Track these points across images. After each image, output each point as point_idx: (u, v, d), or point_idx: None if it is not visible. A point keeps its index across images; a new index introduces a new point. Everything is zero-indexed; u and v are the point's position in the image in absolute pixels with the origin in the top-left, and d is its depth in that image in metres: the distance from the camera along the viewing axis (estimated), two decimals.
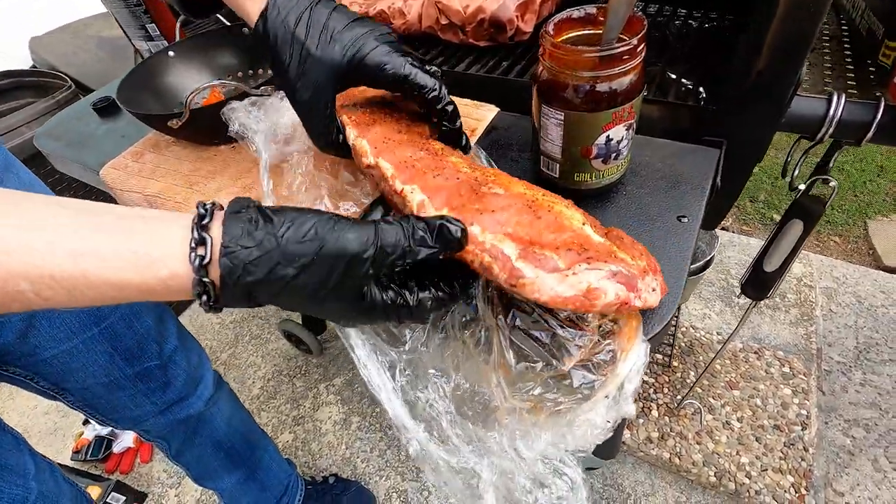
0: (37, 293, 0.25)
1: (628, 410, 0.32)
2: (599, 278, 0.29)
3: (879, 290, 1.47)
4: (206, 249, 0.26)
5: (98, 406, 0.62)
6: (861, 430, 1.17)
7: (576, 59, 0.37)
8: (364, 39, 0.38)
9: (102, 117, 0.74)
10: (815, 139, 0.48)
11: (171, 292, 0.27)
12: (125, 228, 0.27)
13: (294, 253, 0.27)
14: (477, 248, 0.31)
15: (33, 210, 0.26)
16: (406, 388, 0.36)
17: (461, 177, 0.36)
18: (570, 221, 0.33)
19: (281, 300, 0.29)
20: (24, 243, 0.24)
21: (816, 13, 0.40)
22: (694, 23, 0.70)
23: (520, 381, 0.33)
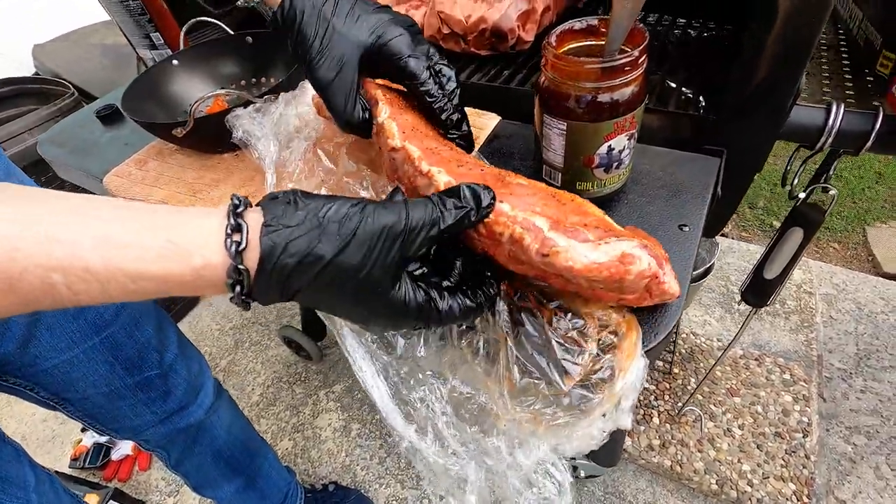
0: (69, 286, 0.24)
1: (624, 423, 0.32)
2: (633, 246, 0.29)
3: (879, 296, 1.47)
4: (242, 236, 0.26)
5: (98, 416, 0.62)
6: (862, 437, 1.16)
7: (578, 71, 0.37)
8: (389, 25, 0.38)
9: (106, 125, 0.75)
10: (815, 148, 0.49)
11: (203, 284, 0.27)
12: (159, 220, 0.26)
13: (335, 230, 0.27)
14: (508, 220, 0.31)
15: (63, 202, 0.25)
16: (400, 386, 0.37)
17: (485, 169, 0.37)
18: (592, 209, 0.33)
19: (316, 287, 0.28)
20: (55, 234, 0.24)
21: (815, 23, 0.41)
22: (693, 32, 0.71)
23: (522, 395, 0.34)
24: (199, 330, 1.59)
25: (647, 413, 1.21)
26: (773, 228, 1.85)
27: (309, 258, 0.27)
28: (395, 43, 0.38)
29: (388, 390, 0.36)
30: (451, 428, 0.36)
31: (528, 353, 0.33)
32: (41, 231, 0.23)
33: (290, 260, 0.26)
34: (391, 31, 0.38)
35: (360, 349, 0.37)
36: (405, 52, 0.38)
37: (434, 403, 0.37)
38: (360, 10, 0.38)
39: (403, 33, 0.39)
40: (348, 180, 0.45)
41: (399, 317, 0.30)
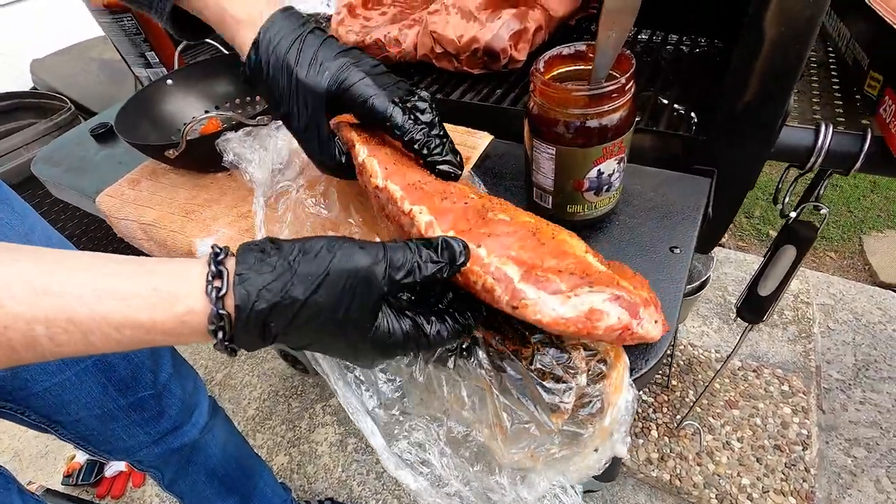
0: (51, 338, 0.25)
1: (620, 451, 0.32)
2: (602, 300, 0.29)
3: (876, 306, 1.47)
4: (223, 282, 0.27)
5: (90, 438, 0.61)
6: (862, 449, 1.16)
7: (565, 97, 0.37)
8: (350, 70, 0.39)
9: (100, 143, 0.75)
10: (805, 168, 0.49)
11: (187, 331, 0.27)
12: (143, 270, 0.27)
13: (306, 272, 0.28)
14: (481, 270, 0.31)
15: (47, 255, 0.26)
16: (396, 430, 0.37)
17: (469, 202, 0.37)
18: (572, 249, 0.33)
19: (296, 329, 0.28)
20: (42, 286, 0.24)
21: (801, 49, 0.41)
22: (685, 48, 0.72)
23: (515, 439, 0.34)
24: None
25: (645, 426, 1.20)
26: (770, 238, 1.86)
27: (284, 301, 0.27)
28: (356, 88, 0.38)
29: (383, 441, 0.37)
30: (452, 469, 0.36)
31: (515, 397, 0.34)
32: (27, 283, 0.24)
33: (265, 305, 0.27)
34: (352, 76, 0.38)
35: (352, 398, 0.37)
36: (368, 94, 0.38)
37: (432, 445, 0.37)
38: (323, 57, 0.39)
39: (364, 77, 0.39)
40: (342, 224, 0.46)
41: (385, 348, 0.30)
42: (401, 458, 0.39)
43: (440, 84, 0.70)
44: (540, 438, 0.35)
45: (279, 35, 0.38)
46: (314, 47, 0.39)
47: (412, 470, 0.38)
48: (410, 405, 0.40)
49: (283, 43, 0.38)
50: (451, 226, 0.34)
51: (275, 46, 0.38)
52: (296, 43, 0.38)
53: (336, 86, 0.38)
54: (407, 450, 0.38)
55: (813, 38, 0.40)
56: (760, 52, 0.42)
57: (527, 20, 0.66)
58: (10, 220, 0.53)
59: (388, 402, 0.40)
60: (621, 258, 0.44)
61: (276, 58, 0.38)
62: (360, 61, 0.40)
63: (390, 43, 0.71)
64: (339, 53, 0.39)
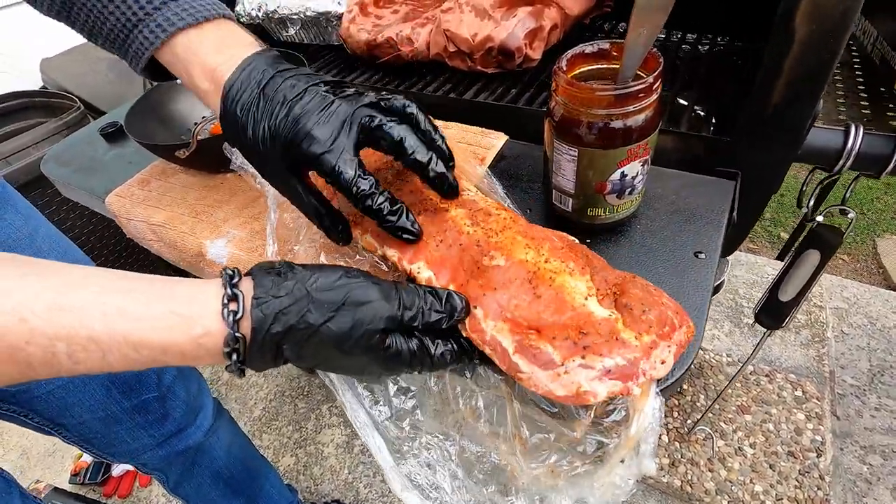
0: (70, 355, 0.25)
1: (648, 467, 0.30)
2: (590, 379, 0.30)
3: (891, 310, 1.44)
4: (239, 305, 0.28)
5: (94, 441, 0.61)
6: (878, 456, 1.13)
7: (590, 97, 0.36)
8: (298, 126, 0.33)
9: (110, 143, 0.74)
10: (833, 171, 0.47)
11: (202, 353, 0.28)
12: (161, 290, 0.28)
13: (323, 300, 0.28)
14: (478, 338, 0.33)
15: (70, 273, 0.26)
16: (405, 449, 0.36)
17: (463, 241, 0.36)
18: (571, 297, 0.32)
19: (307, 351, 0.29)
20: (64, 304, 0.25)
21: (833, 48, 0.40)
22: (703, 48, 0.70)
23: (535, 452, 0.32)
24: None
25: None
26: (781, 240, 1.83)
27: (299, 326, 0.28)
28: (320, 160, 0.33)
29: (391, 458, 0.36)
30: (464, 492, 0.34)
31: (534, 406, 0.32)
32: (50, 300, 0.24)
33: (280, 329, 0.28)
34: (305, 141, 0.33)
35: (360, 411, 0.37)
36: (317, 152, 0.33)
37: (443, 466, 0.36)
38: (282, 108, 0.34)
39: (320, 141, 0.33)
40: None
41: (392, 366, 0.31)
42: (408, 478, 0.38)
43: (453, 83, 0.68)
44: (561, 451, 0.33)
45: (241, 89, 0.35)
46: (265, 103, 0.34)
47: (420, 492, 0.37)
48: (423, 417, 0.39)
49: (244, 98, 0.34)
50: (450, 279, 0.35)
51: (237, 106, 0.35)
52: (257, 96, 0.34)
53: (287, 145, 0.33)
54: (416, 471, 0.37)
55: (847, 34, 0.39)
56: (790, 50, 0.41)
57: (542, 18, 0.65)
58: (13, 220, 0.52)
59: (399, 414, 0.39)
60: (643, 264, 0.42)
61: (238, 118, 0.35)
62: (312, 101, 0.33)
63: (402, 42, 0.70)
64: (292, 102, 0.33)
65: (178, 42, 0.36)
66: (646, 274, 0.35)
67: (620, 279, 0.34)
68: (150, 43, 0.36)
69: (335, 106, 0.34)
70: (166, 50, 0.37)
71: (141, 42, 0.37)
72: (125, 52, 0.39)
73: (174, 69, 0.38)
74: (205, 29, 0.37)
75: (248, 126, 0.35)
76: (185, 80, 0.39)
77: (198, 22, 0.36)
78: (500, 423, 0.35)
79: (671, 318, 0.32)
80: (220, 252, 0.51)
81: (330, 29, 0.80)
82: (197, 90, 0.38)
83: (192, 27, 0.36)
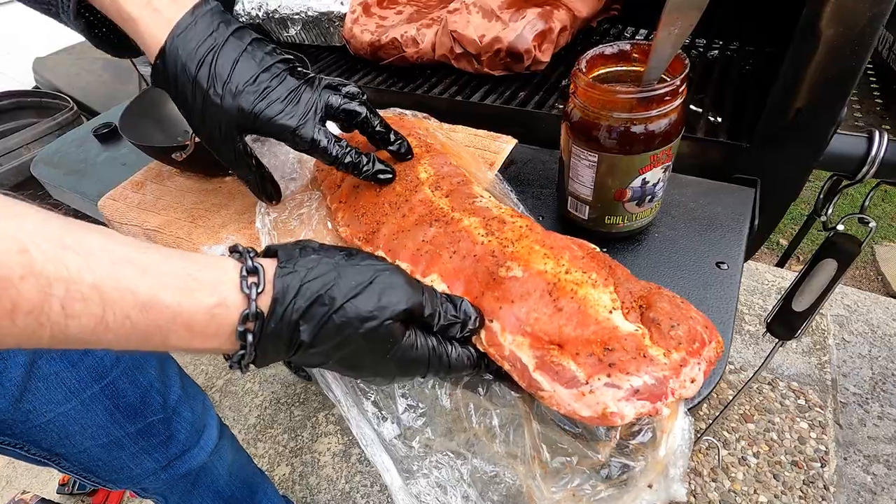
0: (65, 305, 0.21)
1: (678, 493, 0.28)
2: (617, 399, 0.28)
3: (891, 317, 1.44)
4: (260, 278, 0.26)
5: (95, 469, 0.58)
6: (882, 466, 1.12)
7: (612, 100, 0.34)
8: (270, 99, 0.36)
9: (103, 144, 0.72)
10: (855, 179, 0.46)
11: (211, 330, 0.25)
12: (177, 253, 0.25)
13: (350, 275, 0.27)
14: (496, 353, 0.31)
15: (73, 222, 0.23)
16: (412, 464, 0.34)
17: (477, 251, 0.34)
18: (595, 310, 0.30)
19: (327, 333, 0.27)
20: (72, 244, 0.21)
21: (861, 51, 0.38)
22: (714, 53, 0.69)
23: (556, 476, 0.31)
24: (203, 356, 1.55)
25: None
26: (781, 247, 1.83)
27: (324, 300, 0.26)
28: (275, 119, 0.36)
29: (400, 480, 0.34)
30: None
31: (555, 426, 0.31)
32: (55, 235, 0.21)
33: (303, 302, 0.26)
34: (270, 107, 0.36)
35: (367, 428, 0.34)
36: (290, 126, 0.36)
37: (455, 487, 0.34)
38: (238, 82, 0.35)
39: (282, 106, 0.36)
40: None
41: (408, 364, 0.29)
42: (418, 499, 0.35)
43: (459, 86, 0.67)
44: (583, 474, 0.31)
45: (190, 45, 0.34)
46: (230, 63, 0.35)
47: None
48: (434, 436, 0.37)
49: (194, 56, 0.34)
50: (465, 291, 0.34)
51: (184, 62, 0.34)
52: (208, 56, 0.34)
53: (251, 114, 0.35)
54: (426, 492, 0.35)
55: (875, 38, 0.37)
56: (815, 55, 0.40)
57: (552, 20, 0.63)
58: None
59: (409, 433, 0.37)
60: (662, 275, 0.41)
61: (185, 73, 0.34)
62: (275, 83, 0.36)
63: (407, 43, 0.68)
64: (258, 75, 0.35)
65: None
66: (667, 286, 0.34)
67: (646, 291, 0.32)
68: None
69: (301, 89, 0.37)
70: None
71: None
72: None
73: (103, 8, 0.35)
74: None
75: (198, 82, 0.34)
76: (109, 8, 0.35)
77: None
78: (517, 444, 0.33)
79: (700, 333, 0.30)
80: None
81: (332, 29, 0.79)
82: (123, 18, 0.35)
83: None
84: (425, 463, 0.36)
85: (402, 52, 0.69)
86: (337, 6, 0.75)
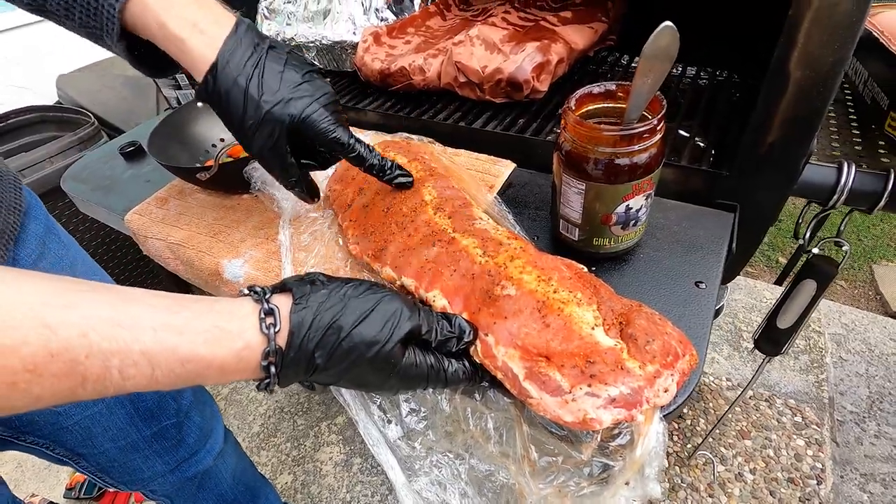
0: (121, 371, 0.26)
1: (653, 491, 0.31)
2: (596, 407, 0.31)
3: (889, 337, 1.46)
4: (276, 318, 0.30)
5: (110, 470, 0.61)
6: (878, 485, 1.13)
7: (597, 136, 0.38)
8: (313, 105, 0.40)
9: (128, 161, 0.77)
10: (827, 206, 0.50)
11: (241, 367, 0.29)
12: (203, 308, 0.29)
13: (355, 306, 0.31)
14: (490, 363, 0.35)
15: (119, 291, 0.28)
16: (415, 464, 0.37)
17: (475, 270, 0.38)
18: (579, 326, 0.34)
19: (338, 356, 0.31)
20: (120, 321, 0.26)
21: (826, 91, 0.42)
22: (703, 81, 0.73)
23: (544, 473, 0.34)
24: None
25: None
26: (779, 265, 1.85)
27: (333, 330, 0.30)
28: (320, 123, 0.40)
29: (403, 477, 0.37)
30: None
31: (542, 429, 0.34)
32: (107, 315, 0.26)
33: (316, 334, 0.30)
34: (316, 112, 0.40)
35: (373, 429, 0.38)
36: (330, 130, 0.40)
37: (453, 485, 0.37)
38: (286, 88, 0.39)
39: (325, 112, 0.40)
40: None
41: (409, 379, 0.33)
42: (419, 495, 0.39)
43: (462, 112, 0.71)
44: (568, 472, 0.35)
45: (239, 60, 0.37)
46: (277, 77, 0.39)
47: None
48: (435, 437, 0.40)
49: (243, 73, 0.38)
50: (463, 307, 0.37)
51: (235, 77, 0.37)
52: (256, 72, 0.38)
53: (300, 119, 0.39)
54: (427, 489, 0.38)
55: (838, 81, 0.41)
56: (785, 92, 0.43)
57: (549, 53, 0.68)
58: (57, 250, 0.54)
59: (411, 434, 0.40)
60: (646, 293, 0.44)
61: (237, 88, 0.38)
62: (318, 91, 0.40)
63: (415, 71, 0.73)
64: (302, 84, 0.39)
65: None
66: (649, 303, 0.37)
67: (627, 309, 0.36)
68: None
69: (332, 97, 0.42)
70: (136, 1, 0.37)
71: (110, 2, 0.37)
72: (96, 15, 0.38)
73: (143, 21, 0.37)
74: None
75: (250, 94, 0.38)
76: (154, 32, 0.38)
77: None
78: (509, 445, 0.37)
79: (675, 347, 0.34)
80: (237, 272, 0.52)
81: (344, 56, 0.84)
82: (169, 40, 0.37)
83: None
84: (426, 462, 0.39)
85: (409, 79, 0.73)
86: (349, 36, 0.81)
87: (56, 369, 0.24)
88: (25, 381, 0.24)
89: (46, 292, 0.25)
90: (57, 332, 0.24)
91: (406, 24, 0.83)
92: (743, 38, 0.69)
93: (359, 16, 0.82)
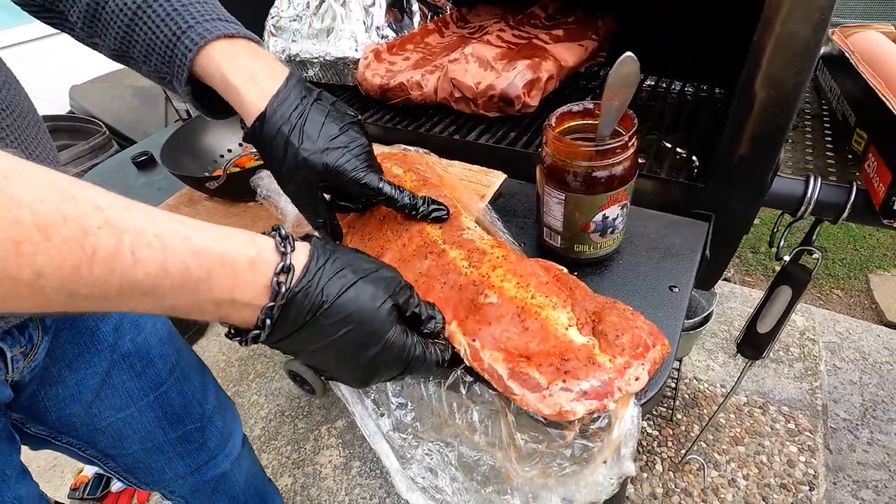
0: (134, 250, 0.25)
1: (628, 469, 0.34)
2: (570, 400, 0.34)
3: (883, 346, 1.47)
4: (291, 243, 0.32)
5: (135, 471, 0.63)
6: (870, 492, 1.15)
7: (574, 151, 0.42)
8: (346, 155, 0.43)
9: (140, 170, 0.81)
10: (796, 216, 0.53)
11: (250, 275, 0.30)
12: (216, 224, 0.30)
13: (363, 259, 0.35)
14: (478, 366, 0.38)
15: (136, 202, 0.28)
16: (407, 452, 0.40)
17: (461, 282, 0.41)
18: (554, 328, 0.37)
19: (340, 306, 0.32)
20: (133, 206, 0.26)
21: (789, 108, 0.46)
22: (688, 94, 0.77)
23: (528, 458, 0.37)
24: (206, 360, 1.60)
25: (650, 459, 1.20)
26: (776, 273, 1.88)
27: (344, 273, 0.33)
28: (352, 172, 0.43)
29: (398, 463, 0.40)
30: (463, 493, 0.39)
31: (526, 417, 0.37)
32: (120, 201, 0.26)
33: (329, 272, 0.32)
34: (349, 162, 0.42)
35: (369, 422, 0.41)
36: (360, 177, 0.43)
37: (443, 470, 0.40)
38: (324, 139, 0.42)
39: (358, 162, 0.43)
40: None
41: (394, 351, 0.35)
42: (413, 480, 0.42)
43: (458, 125, 0.75)
44: (552, 455, 0.37)
45: (285, 111, 0.42)
46: (317, 126, 0.42)
47: (423, 493, 0.41)
48: (423, 429, 0.43)
49: (286, 123, 0.42)
50: (453, 316, 0.41)
51: (279, 126, 0.41)
52: (299, 122, 0.42)
53: (333, 168, 0.42)
54: (420, 475, 0.41)
55: (798, 102, 0.44)
56: (752, 111, 0.47)
57: (540, 70, 0.72)
58: None
59: (400, 426, 0.43)
60: (624, 296, 0.47)
61: (280, 136, 0.42)
62: (353, 143, 0.44)
63: (413, 86, 0.77)
64: (340, 136, 0.43)
65: (216, 46, 0.41)
66: (626, 304, 0.40)
67: (600, 307, 0.39)
68: (194, 43, 0.40)
69: (366, 148, 0.45)
70: (204, 53, 0.41)
71: (183, 51, 0.41)
72: (170, 63, 0.42)
73: (208, 70, 0.42)
74: (237, 41, 0.42)
75: (291, 142, 0.41)
76: (216, 80, 0.42)
77: (231, 35, 0.42)
78: (494, 435, 0.40)
79: (644, 339, 0.37)
80: None
81: (346, 71, 0.88)
82: (228, 87, 0.42)
83: (226, 38, 0.42)
84: (418, 451, 0.42)
85: (408, 94, 0.77)
86: (352, 52, 0.85)
87: (67, 234, 0.22)
88: (33, 243, 0.22)
89: (58, 175, 0.24)
90: (74, 197, 0.23)
91: (405, 41, 0.87)
92: (727, 53, 0.73)
93: (361, 33, 0.86)
